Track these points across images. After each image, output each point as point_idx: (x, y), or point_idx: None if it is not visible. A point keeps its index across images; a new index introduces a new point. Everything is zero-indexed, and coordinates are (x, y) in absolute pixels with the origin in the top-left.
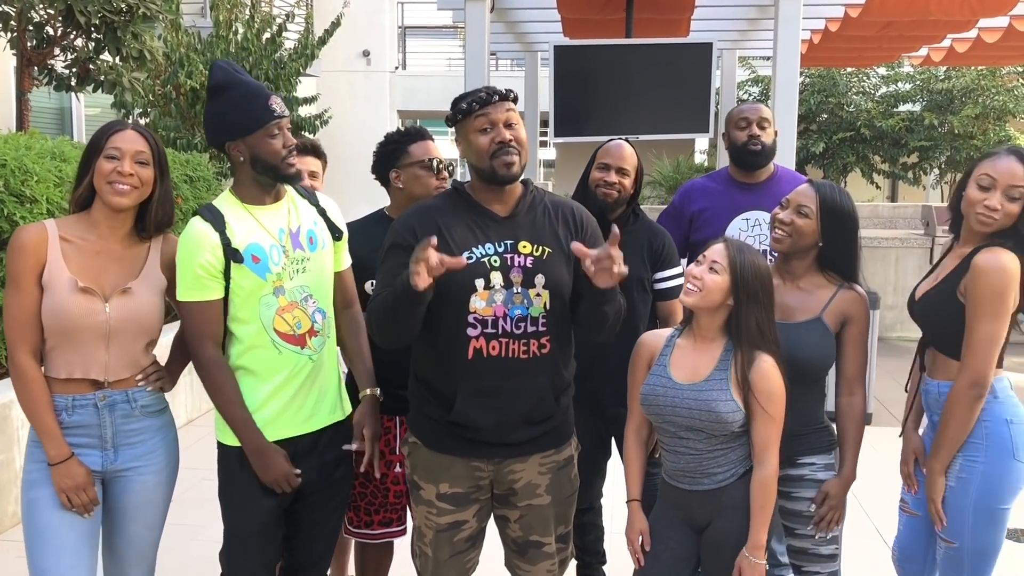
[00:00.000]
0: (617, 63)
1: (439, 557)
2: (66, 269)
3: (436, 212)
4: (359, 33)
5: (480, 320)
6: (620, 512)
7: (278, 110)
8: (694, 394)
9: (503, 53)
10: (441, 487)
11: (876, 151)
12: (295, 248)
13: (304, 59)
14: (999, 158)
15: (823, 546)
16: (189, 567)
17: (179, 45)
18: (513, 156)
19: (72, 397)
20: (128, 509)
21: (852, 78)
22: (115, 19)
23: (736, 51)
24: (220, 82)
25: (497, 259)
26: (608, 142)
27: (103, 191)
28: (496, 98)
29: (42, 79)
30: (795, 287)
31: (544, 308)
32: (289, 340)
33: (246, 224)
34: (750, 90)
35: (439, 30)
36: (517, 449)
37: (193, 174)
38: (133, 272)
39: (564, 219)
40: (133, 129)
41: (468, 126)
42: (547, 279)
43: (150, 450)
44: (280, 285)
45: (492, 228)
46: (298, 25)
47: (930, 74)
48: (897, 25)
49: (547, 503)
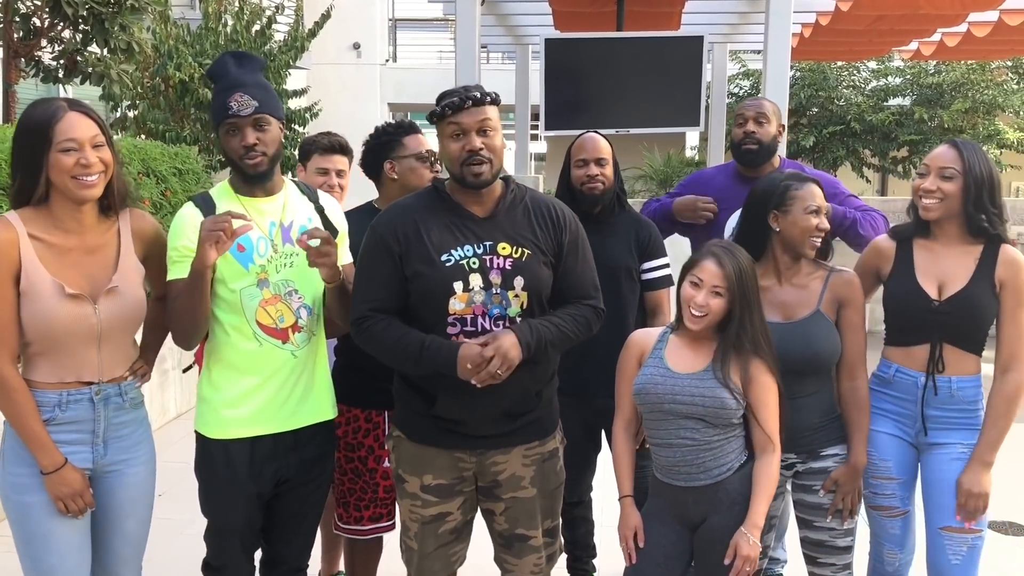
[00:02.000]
0: (608, 56)
1: (424, 549)
2: (46, 272)
3: (415, 212)
4: (349, 25)
5: (459, 319)
6: (610, 506)
7: (234, 108)
8: (694, 382)
9: (494, 46)
10: (425, 479)
11: (866, 145)
12: (284, 242)
13: (294, 51)
14: (935, 148)
15: (840, 538)
16: (176, 562)
17: (167, 37)
18: (482, 166)
19: (65, 392)
20: (124, 504)
21: (842, 72)
22: (103, 11)
23: (727, 45)
24: (210, 73)
25: (476, 261)
26: (579, 137)
27: (68, 187)
28: (470, 103)
29: (29, 71)
30: (788, 284)
31: (521, 308)
32: (271, 333)
33: None
34: (741, 84)
35: (430, 23)
36: (499, 440)
37: (182, 167)
38: (110, 262)
39: (544, 218)
40: (76, 111)
41: (442, 129)
42: (526, 281)
43: (137, 442)
44: (264, 278)
45: (471, 229)
46: (288, 17)
47: (920, 68)
48: (887, 19)
49: (532, 495)
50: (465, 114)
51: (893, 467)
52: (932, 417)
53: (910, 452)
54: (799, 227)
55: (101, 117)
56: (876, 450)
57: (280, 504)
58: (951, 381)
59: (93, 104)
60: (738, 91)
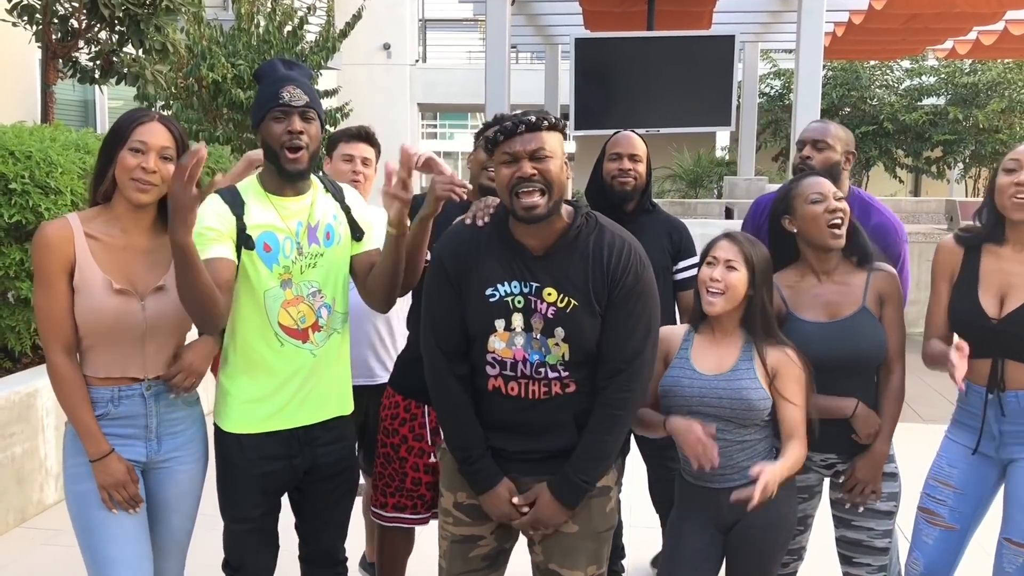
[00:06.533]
0: (638, 55)
1: (451, 570)
2: (98, 269)
3: (474, 240)
4: (380, 26)
5: (499, 361)
6: (639, 506)
7: (285, 97)
8: (722, 383)
9: (523, 46)
10: (458, 496)
11: (899, 145)
12: (311, 243)
13: (325, 52)
14: (1020, 144)
15: (877, 539)
16: (210, 556)
17: (201, 38)
18: (533, 196)
19: (117, 388)
20: (171, 500)
21: (875, 71)
22: (138, 12)
23: (758, 44)
24: (257, 73)
25: (521, 300)
26: (615, 134)
27: (125, 186)
28: (523, 128)
29: (67, 72)
30: (830, 282)
31: (563, 358)
32: (292, 334)
33: (264, 212)
34: (772, 83)
35: (459, 23)
36: (538, 467)
37: (215, 167)
38: (162, 265)
39: (602, 263)
40: (160, 121)
41: (496, 155)
42: (567, 333)
43: (190, 439)
44: (288, 278)
45: (521, 266)
46: (319, 18)
47: (955, 67)
48: (922, 17)
49: (573, 532)
50: (518, 140)
51: (956, 475)
52: (1011, 433)
53: (985, 469)
54: (808, 219)
55: (186, 137)
56: (946, 454)
57: (305, 500)
58: (1018, 396)
59: (128, 104)
60: (769, 91)
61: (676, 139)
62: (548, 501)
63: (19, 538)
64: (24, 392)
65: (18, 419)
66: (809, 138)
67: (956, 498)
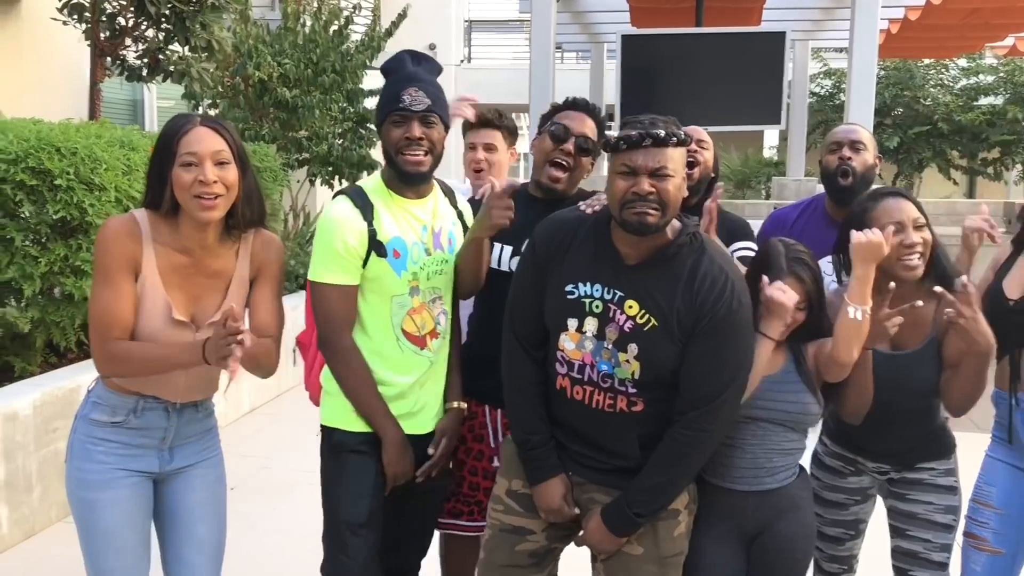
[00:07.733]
0: (686, 53)
1: (492, 560)
2: (161, 287)
3: (572, 230)
4: (425, 26)
5: (567, 361)
6: None
7: (406, 101)
8: (774, 386)
9: (568, 45)
10: (513, 483)
11: (954, 146)
12: (436, 248)
13: (370, 51)
14: None
15: (935, 552)
16: (244, 558)
17: (247, 36)
18: (647, 216)
19: (141, 399)
20: (194, 507)
21: (930, 70)
22: (184, 9)
23: (809, 42)
24: (383, 68)
25: (599, 305)
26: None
27: (190, 206)
28: (648, 142)
29: (114, 70)
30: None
31: (632, 376)
32: (413, 340)
33: (393, 216)
34: (822, 83)
35: (505, 24)
36: (601, 476)
37: (260, 164)
38: (220, 289)
39: (695, 289)
40: (204, 125)
41: (613, 161)
42: (640, 351)
43: (205, 447)
44: (416, 285)
45: (609, 270)
46: (365, 18)
47: (1015, 65)
48: (982, 12)
49: (638, 555)
50: (641, 154)
51: (996, 494)
52: None
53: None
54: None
55: (237, 135)
56: (984, 474)
57: (394, 510)
58: None
59: (177, 104)
60: (819, 90)
61: (723, 138)
62: (598, 526)
63: (61, 532)
64: (68, 387)
65: (61, 414)
66: (846, 139)
67: (999, 519)
